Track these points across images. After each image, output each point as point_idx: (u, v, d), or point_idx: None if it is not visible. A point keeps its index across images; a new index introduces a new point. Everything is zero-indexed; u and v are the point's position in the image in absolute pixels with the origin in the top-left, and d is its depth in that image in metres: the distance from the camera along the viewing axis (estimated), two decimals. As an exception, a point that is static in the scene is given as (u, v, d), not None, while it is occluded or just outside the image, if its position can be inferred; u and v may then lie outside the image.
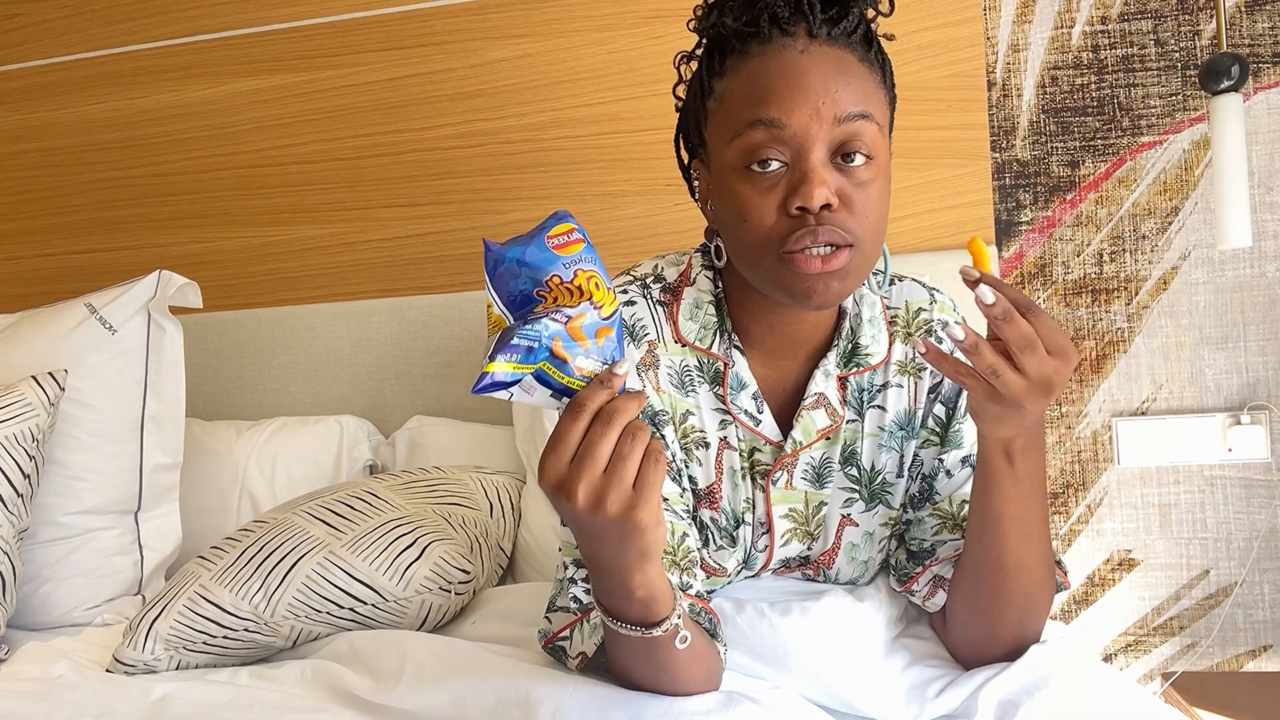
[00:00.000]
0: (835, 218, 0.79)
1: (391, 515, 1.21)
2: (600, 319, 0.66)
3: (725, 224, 0.85)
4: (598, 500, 0.65)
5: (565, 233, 0.67)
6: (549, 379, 0.66)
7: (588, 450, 0.65)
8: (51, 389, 1.34)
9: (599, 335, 0.66)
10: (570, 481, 0.65)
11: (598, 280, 0.66)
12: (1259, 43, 1.53)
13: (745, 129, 0.80)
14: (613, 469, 0.65)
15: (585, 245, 0.67)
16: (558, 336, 0.65)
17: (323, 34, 1.79)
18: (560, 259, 0.66)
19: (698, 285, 0.93)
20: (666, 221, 1.67)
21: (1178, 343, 1.57)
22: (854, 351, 0.94)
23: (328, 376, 1.75)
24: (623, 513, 0.65)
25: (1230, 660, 1.56)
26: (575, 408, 0.66)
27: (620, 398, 0.66)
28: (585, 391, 0.66)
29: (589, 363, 0.66)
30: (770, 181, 0.80)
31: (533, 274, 0.66)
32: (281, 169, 1.82)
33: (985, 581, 0.85)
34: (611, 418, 0.65)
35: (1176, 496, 1.57)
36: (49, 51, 1.91)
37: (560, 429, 0.66)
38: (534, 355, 0.64)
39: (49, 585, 1.36)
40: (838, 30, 0.81)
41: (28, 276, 1.95)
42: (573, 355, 0.65)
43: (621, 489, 0.65)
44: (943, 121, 1.58)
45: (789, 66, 0.79)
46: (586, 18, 1.69)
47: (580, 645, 0.87)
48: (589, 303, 0.66)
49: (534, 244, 0.66)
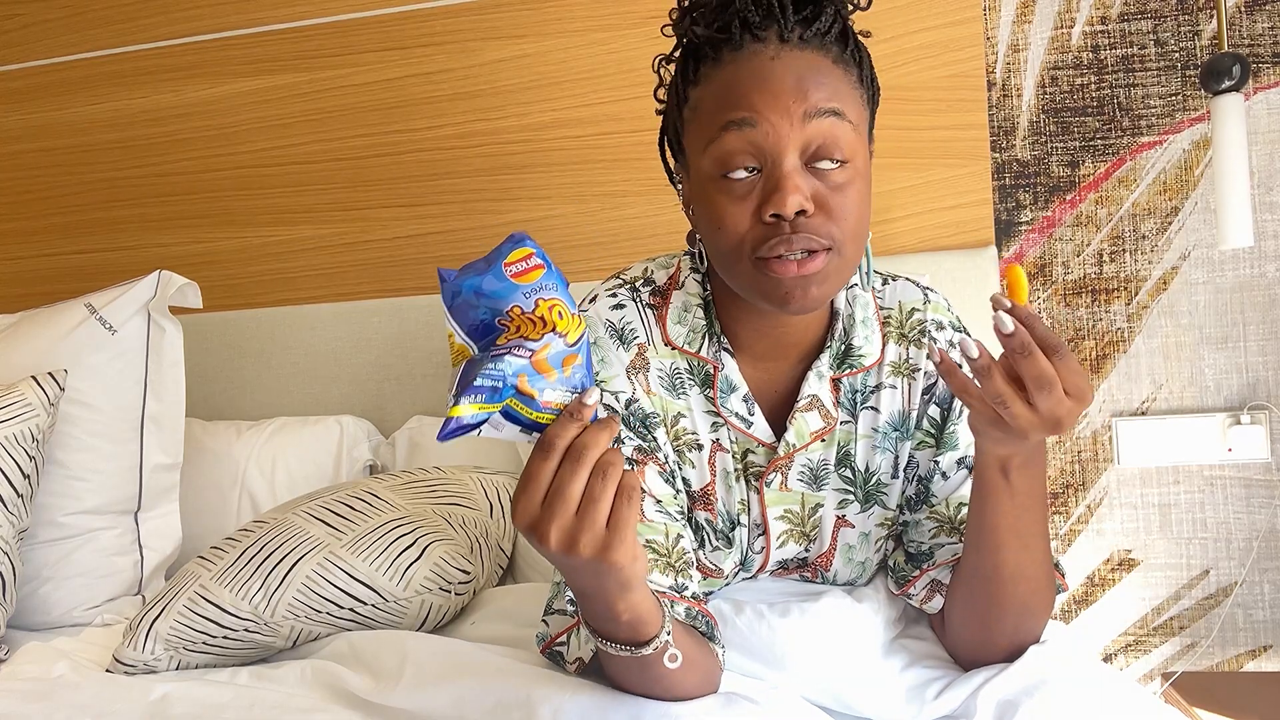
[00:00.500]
0: (810, 223, 0.78)
1: (391, 515, 1.21)
2: (566, 346, 0.64)
3: (703, 230, 0.85)
4: (570, 542, 0.64)
5: (523, 258, 0.64)
6: (517, 415, 0.64)
7: (558, 491, 0.64)
8: (51, 389, 1.34)
9: (566, 364, 0.64)
10: (543, 524, 0.64)
11: (560, 309, 0.64)
12: (1259, 43, 1.53)
13: (718, 133, 0.79)
14: (584, 510, 0.64)
15: (546, 270, 0.64)
16: (523, 373, 0.63)
17: (323, 34, 1.79)
18: (520, 288, 0.64)
19: (686, 288, 0.93)
20: (667, 221, 1.67)
21: (1178, 343, 1.57)
22: (847, 353, 0.93)
23: (328, 376, 1.75)
24: (596, 554, 0.64)
25: (1230, 660, 1.56)
26: (544, 446, 0.64)
27: (590, 430, 0.64)
28: (554, 428, 0.64)
29: (556, 395, 0.64)
30: (744, 189, 0.80)
31: (491, 304, 0.64)
32: (281, 169, 1.82)
33: (982, 589, 0.85)
34: (581, 455, 0.63)
35: (1176, 496, 1.57)
36: (49, 51, 1.91)
37: (530, 468, 0.64)
38: (499, 395, 0.62)
39: (49, 585, 1.36)
40: (810, 32, 0.80)
41: (28, 276, 1.95)
42: (539, 390, 0.63)
43: (594, 531, 0.64)
44: (943, 121, 1.58)
45: (758, 71, 0.79)
46: (586, 18, 1.69)
47: (577, 651, 0.87)
48: (553, 333, 0.63)
49: (491, 273, 0.64)
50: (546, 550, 0.64)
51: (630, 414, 0.89)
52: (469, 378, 0.62)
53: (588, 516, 0.64)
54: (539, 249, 0.65)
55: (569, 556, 0.64)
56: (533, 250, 0.64)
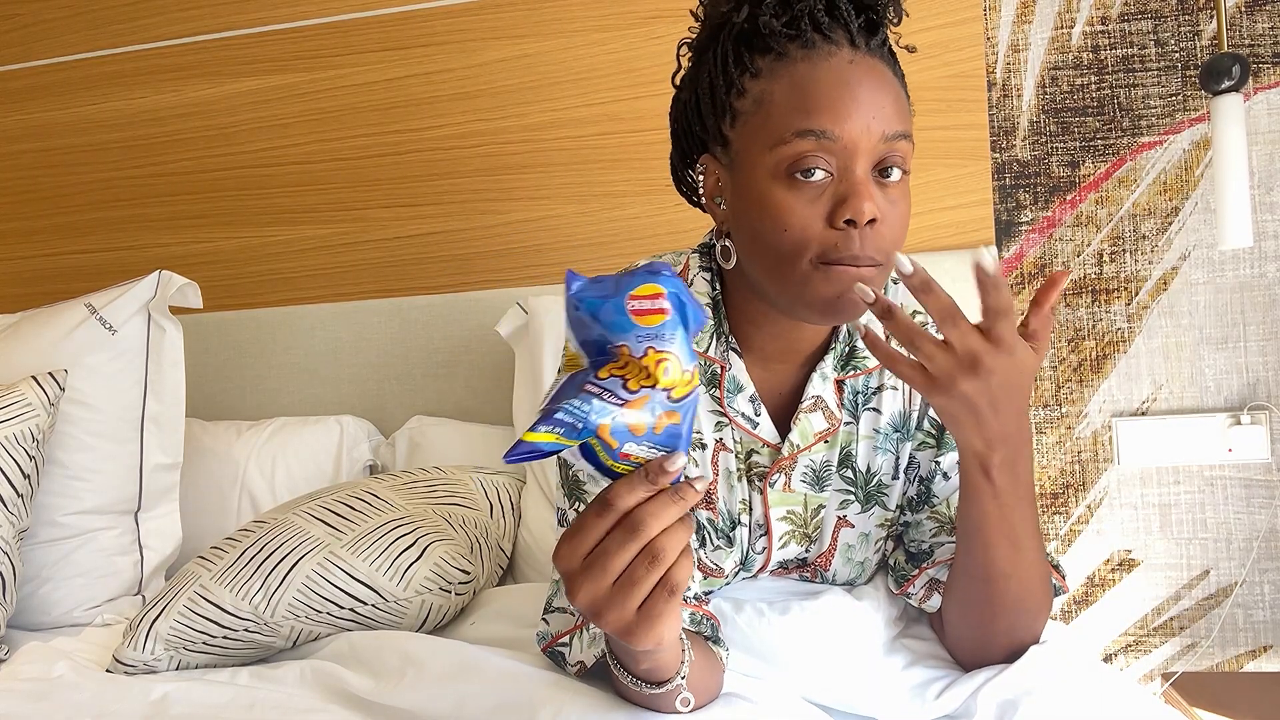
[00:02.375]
0: (877, 233, 0.79)
1: (391, 515, 1.21)
2: (667, 401, 0.58)
3: (752, 228, 0.83)
4: (596, 611, 0.60)
5: (650, 296, 0.58)
6: (594, 455, 0.59)
7: (601, 557, 0.59)
8: (51, 389, 1.34)
9: (661, 421, 0.58)
10: (576, 579, 0.60)
11: (670, 365, 0.57)
12: (1259, 43, 1.53)
13: (792, 137, 0.78)
14: (620, 587, 0.59)
15: (669, 318, 0.58)
16: (607, 422, 0.57)
17: (323, 34, 1.79)
18: (635, 329, 0.57)
19: (695, 287, 0.92)
20: (667, 221, 1.67)
21: (1178, 343, 1.57)
22: (851, 354, 0.93)
23: (328, 376, 1.75)
24: (619, 632, 0.60)
25: (1230, 660, 1.56)
26: (603, 503, 0.59)
27: (658, 500, 0.58)
28: (621, 485, 0.59)
29: (639, 450, 0.58)
30: (815, 191, 0.79)
31: (605, 333, 0.58)
32: (281, 169, 1.82)
33: (975, 588, 0.85)
34: (637, 528, 0.58)
35: (1176, 496, 1.57)
36: (49, 51, 1.91)
37: (583, 519, 0.60)
38: (577, 434, 0.57)
39: (49, 585, 1.36)
40: (874, 42, 0.80)
41: (28, 276, 1.95)
42: (620, 442, 0.58)
43: (623, 611, 0.59)
44: (943, 121, 1.58)
45: (840, 76, 0.78)
46: (586, 18, 1.69)
47: (579, 654, 0.87)
48: (653, 388, 0.57)
49: (613, 301, 0.58)
50: (574, 604, 0.61)
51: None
52: (555, 404, 0.58)
53: (621, 594, 0.59)
54: (674, 288, 0.58)
55: (593, 620, 0.61)
56: (664, 290, 0.58)
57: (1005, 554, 0.81)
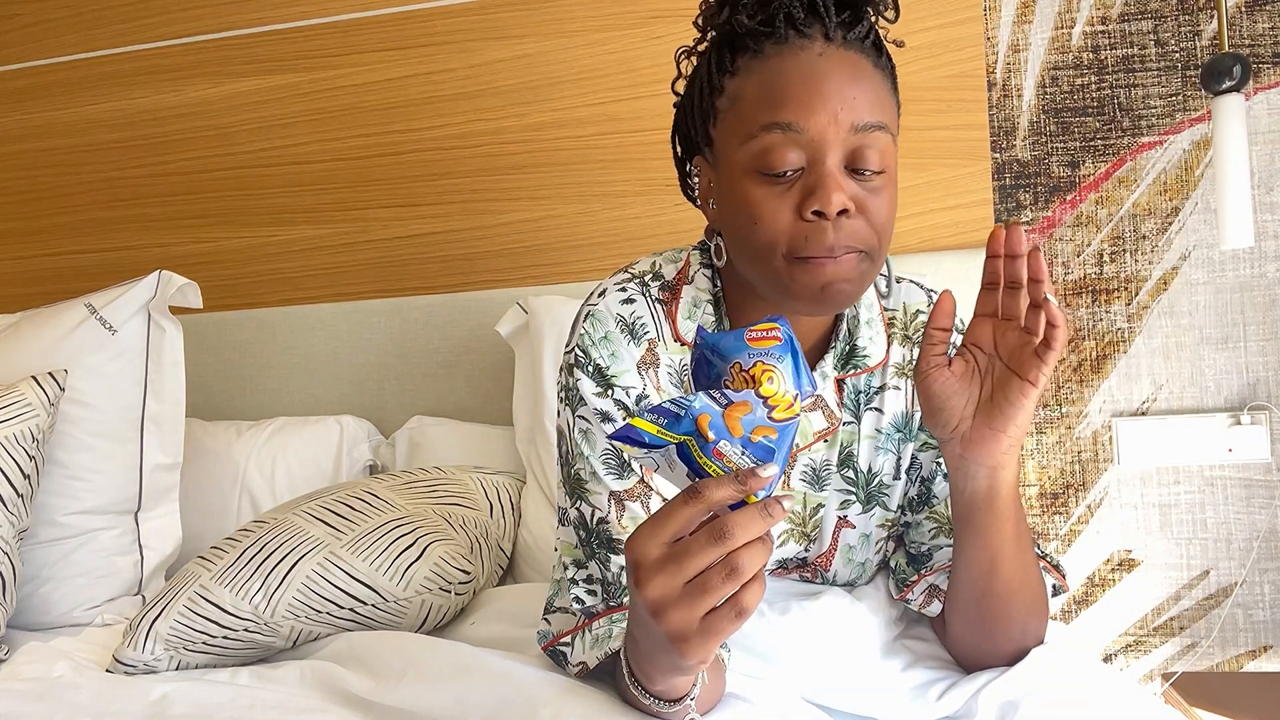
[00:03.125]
0: (850, 225, 0.78)
1: (391, 515, 1.21)
2: (765, 418, 0.60)
3: (732, 225, 0.84)
4: (661, 608, 0.59)
5: (766, 330, 0.63)
6: (689, 454, 0.60)
7: (678, 555, 0.58)
8: (51, 389, 1.34)
9: (757, 432, 0.60)
10: (650, 570, 0.59)
11: (775, 377, 0.61)
12: (1259, 43, 1.53)
13: (760, 131, 0.79)
14: (690, 590, 0.59)
15: (780, 344, 0.62)
16: (706, 413, 0.59)
17: (323, 34, 1.79)
18: (748, 349, 0.62)
19: (696, 284, 0.92)
20: (668, 221, 1.67)
21: (1178, 343, 1.57)
22: (851, 353, 0.93)
23: (328, 376, 1.75)
24: (674, 636, 0.60)
25: (1230, 660, 1.56)
26: (694, 492, 0.59)
27: (746, 511, 0.58)
28: (714, 481, 0.59)
29: (734, 453, 0.60)
30: (784, 185, 0.79)
31: (721, 360, 0.62)
32: (281, 169, 1.82)
33: (985, 606, 0.85)
34: (723, 535, 0.57)
35: (1176, 497, 1.57)
36: (49, 51, 1.91)
37: (669, 507, 0.59)
38: (679, 424, 0.59)
39: (49, 585, 1.36)
40: (852, 35, 0.80)
41: (28, 276, 1.95)
42: (718, 437, 0.59)
43: (688, 616, 0.59)
44: (943, 121, 1.58)
45: (807, 69, 0.79)
46: (586, 18, 1.69)
47: (581, 655, 0.86)
48: (755, 394, 0.60)
49: (734, 333, 0.63)
50: (635, 592, 0.60)
51: (640, 410, 0.88)
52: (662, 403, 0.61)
53: (690, 598, 0.59)
54: (789, 333, 0.63)
55: (650, 616, 0.60)
56: (779, 327, 0.63)
57: (1009, 571, 0.82)
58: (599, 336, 0.89)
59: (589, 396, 0.88)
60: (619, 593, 0.85)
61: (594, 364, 0.89)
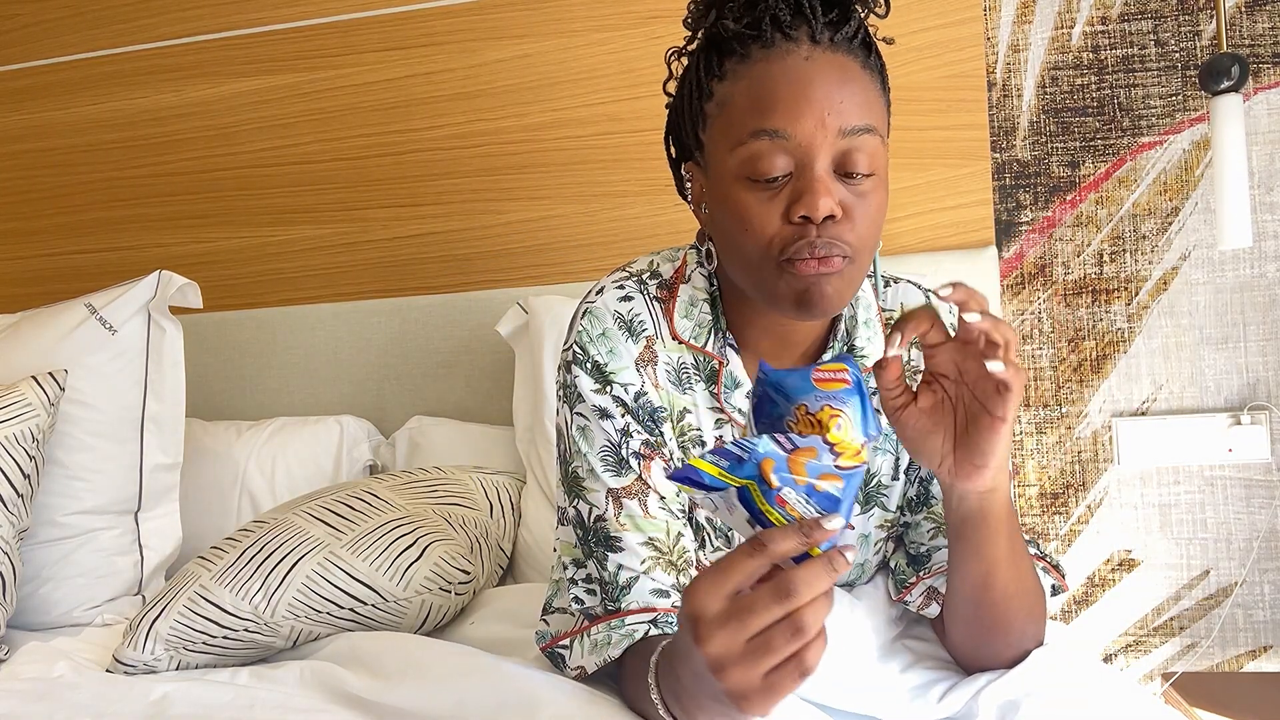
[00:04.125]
0: (836, 229, 0.78)
1: (391, 515, 1.21)
2: (831, 465, 0.58)
3: (722, 230, 0.84)
4: (723, 665, 0.57)
5: (834, 371, 0.61)
6: (750, 499, 0.58)
7: (741, 612, 0.57)
8: (51, 389, 1.34)
9: (823, 480, 0.58)
10: (708, 627, 0.58)
11: (843, 424, 0.59)
12: (1259, 43, 1.53)
13: (748, 138, 0.79)
14: (753, 649, 0.57)
15: (849, 388, 0.60)
16: (771, 458, 0.58)
17: (323, 34, 1.79)
18: (814, 390, 0.60)
19: (693, 283, 0.92)
20: (668, 221, 1.67)
21: (1178, 343, 1.57)
22: (850, 354, 0.93)
23: (328, 376, 1.75)
24: (735, 694, 0.58)
25: (1230, 660, 1.56)
26: (757, 544, 0.57)
27: (811, 566, 0.57)
28: (777, 532, 0.57)
29: (798, 501, 0.58)
30: (773, 190, 0.79)
31: (785, 400, 0.61)
32: (281, 169, 1.82)
33: (983, 615, 0.84)
34: (788, 592, 0.56)
35: (1176, 496, 1.57)
36: (49, 51, 1.91)
37: (730, 559, 0.58)
38: (741, 467, 0.58)
39: (49, 585, 1.36)
40: (839, 36, 0.79)
41: (28, 276, 1.95)
42: (781, 483, 0.58)
43: (750, 675, 0.57)
44: (943, 121, 1.58)
45: (794, 74, 0.78)
46: (586, 18, 1.69)
47: (580, 659, 0.86)
48: (821, 439, 0.59)
49: (800, 373, 0.61)
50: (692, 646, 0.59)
51: (639, 407, 0.89)
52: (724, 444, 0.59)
53: (753, 657, 0.57)
54: (858, 375, 0.61)
55: (710, 672, 0.58)
56: (848, 368, 0.61)
57: (1007, 578, 0.81)
58: (597, 334, 0.90)
59: (587, 393, 0.88)
60: (617, 594, 0.85)
61: (592, 361, 0.89)
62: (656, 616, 0.82)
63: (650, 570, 0.84)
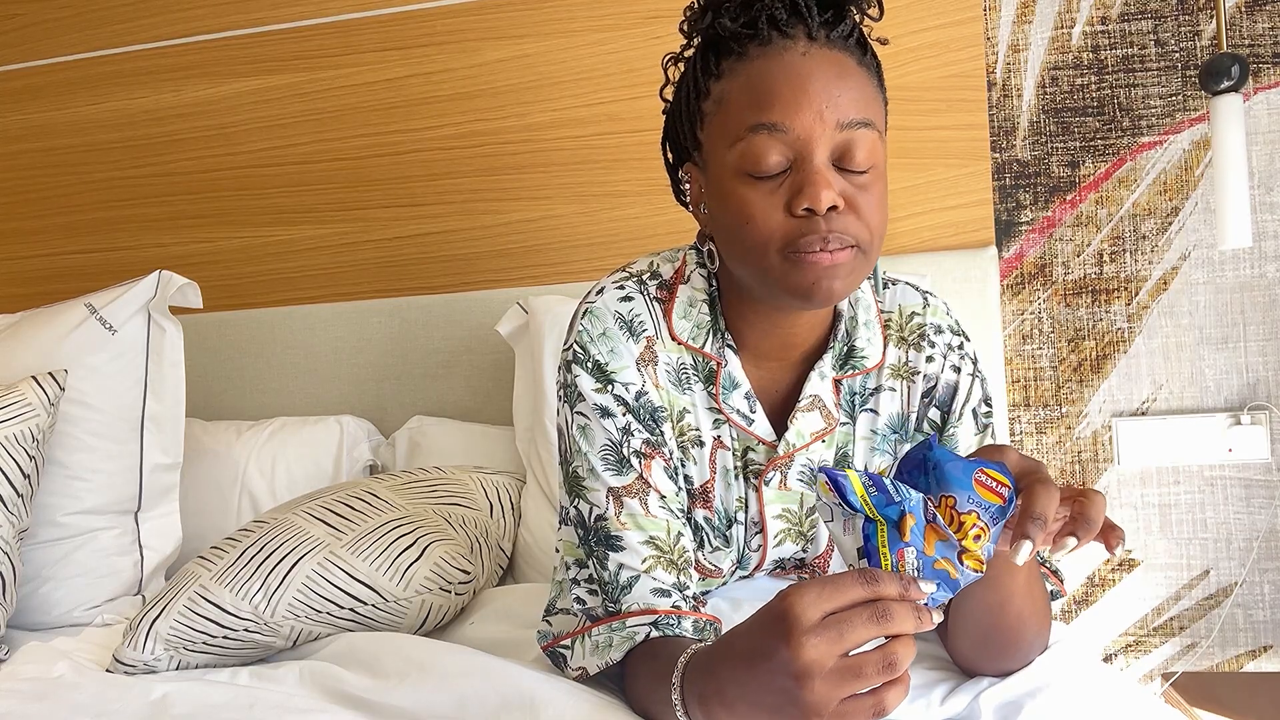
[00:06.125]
0: (841, 220, 0.79)
1: (391, 515, 1.21)
2: (956, 559, 0.61)
3: (724, 226, 0.84)
4: (808, 672, 0.59)
5: (999, 484, 0.62)
6: (874, 535, 0.61)
7: (840, 624, 0.59)
8: (51, 389, 1.34)
9: (942, 562, 0.61)
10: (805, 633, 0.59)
11: (982, 535, 0.61)
12: (1259, 43, 1.53)
13: (746, 133, 0.79)
14: (843, 668, 0.59)
15: (1001, 506, 0.62)
16: (914, 515, 0.60)
17: (323, 34, 1.79)
18: (971, 492, 0.61)
19: (692, 284, 0.93)
20: (667, 222, 1.67)
21: (1178, 343, 1.57)
22: (849, 354, 0.93)
23: (328, 376, 1.75)
24: (808, 708, 0.59)
25: (1230, 660, 1.56)
26: (870, 576, 0.60)
27: (905, 606, 0.59)
28: (885, 575, 0.60)
29: (913, 566, 0.61)
30: (774, 184, 0.80)
31: (938, 484, 0.62)
32: (281, 169, 1.82)
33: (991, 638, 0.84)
34: (885, 616, 0.59)
35: (1176, 497, 1.57)
36: (49, 51, 1.91)
37: (844, 582, 0.60)
38: (887, 508, 0.60)
39: (49, 585, 1.36)
40: (835, 33, 0.80)
41: (28, 276, 1.95)
42: (911, 542, 0.60)
43: (832, 692, 0.59)
44: (943, 121, 1.58)
45: (790, 69, 0.79)
46: (586, 18, 1.69)
47: (581, 660, 0.86)
48: (958, 542, 0.61)
49: (966, 463, 0.62)
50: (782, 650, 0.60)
51: (640, 406, 0.89)
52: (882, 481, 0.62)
53: (839, 676, 0.59)
54: (1014, 494, 0.63)
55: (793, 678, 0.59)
56: (1009, 485, 0.62)
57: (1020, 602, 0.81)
58: (597, 333, 0.90)
59: (588, 392, 0.88)
60: (618, 594, 0.85)
61: (592, 360, 0.89)
62: (658, 619, 0.82)
63: (651, 569, 0.84)
